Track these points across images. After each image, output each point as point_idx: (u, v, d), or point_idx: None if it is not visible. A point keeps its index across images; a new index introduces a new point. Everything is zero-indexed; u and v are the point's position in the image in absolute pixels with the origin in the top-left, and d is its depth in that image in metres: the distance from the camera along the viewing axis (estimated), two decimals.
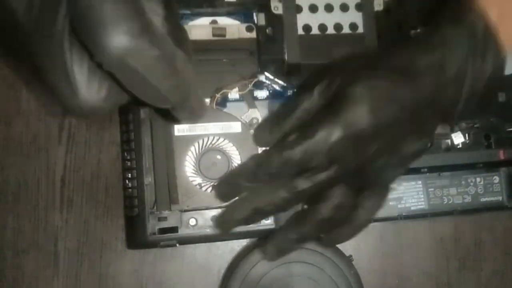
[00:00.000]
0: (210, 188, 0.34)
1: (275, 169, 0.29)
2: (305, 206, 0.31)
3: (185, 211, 0.34)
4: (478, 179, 0.40)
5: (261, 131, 0.32)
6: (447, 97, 0.29)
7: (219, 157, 0.34)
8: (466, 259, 0.43)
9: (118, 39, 0.19)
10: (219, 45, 0.36)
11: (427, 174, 0.39)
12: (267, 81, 0.37)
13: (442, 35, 0.30)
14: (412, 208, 0.39)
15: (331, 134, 0.28)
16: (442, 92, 0.29)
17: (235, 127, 0.35)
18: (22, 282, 0.38)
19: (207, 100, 0.35)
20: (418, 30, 0.39)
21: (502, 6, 0.29)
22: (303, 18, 0.37)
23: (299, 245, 0.32)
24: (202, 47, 0.36)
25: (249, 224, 0.31)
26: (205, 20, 0.36)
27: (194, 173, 0.34)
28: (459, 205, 0.39)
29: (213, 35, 0.36)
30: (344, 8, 0.37)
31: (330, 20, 0.37)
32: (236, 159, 0.35)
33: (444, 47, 0.29)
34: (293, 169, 0.29)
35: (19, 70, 0.39)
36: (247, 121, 0.36)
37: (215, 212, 0.34)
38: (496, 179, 0.40)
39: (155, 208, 0.34)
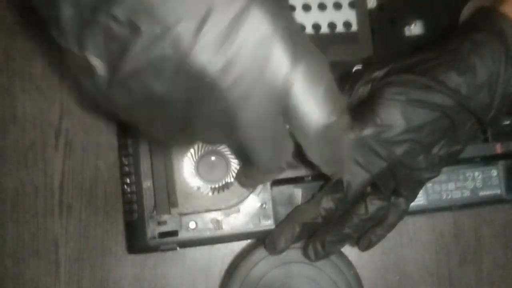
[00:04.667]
0: (209, 191, 0.34)
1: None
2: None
3: (185, 214, 0.34)
4: (476, 173, 0.40)
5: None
6: (479, 103, 0.30)
7: (217, 159, 0.34)
8: (467, 254, 0.43)
9: (329, 118, 0.21)
10: None
11: None
12: None
13: (473, 42, 0.31)
14: (411, 204, 0.39)
15: (363, 130, 0.30)
16: (474, 97, 0.30)
17: None
18: None
19: None
20: (412, 26, 0.39)
21: None
22: (297, 18, 0.37)
23: (336, 249, 0.34)
24: None
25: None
26: None
27: (192, 176, 0.34)
28: (458, 199, 0.39)
29: None
30: (337, 6, 0.37)
31: (323, 19, 0.37)
32: (235, 161, 0.35)
33: (476, 53, 0.30)
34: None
35: None
36: None
37: (214, 214, 0.34)
38: (494, 172, 0.40)
39: (154, 212, 0.34)
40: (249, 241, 0.39)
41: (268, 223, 0.35)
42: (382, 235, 0.34)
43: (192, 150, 0.34)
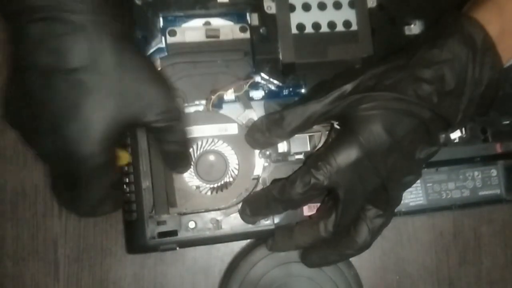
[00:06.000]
0: (208, 190, 0.34)
1: (298, 196, 0.31)
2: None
3: (184, 214, 0.34)
4: (476, 173, 0.40)
5: (255, 132, 0.33)
6: (448, 108, 0.30)
7: (216, 159, 0.34)
8: (466, 253, 0.43)
9: None
10: (213, 47, 0.36)
11: (425, 169, 0.39)
12: (263, 82, 0.37)
13: (442, 48, 0.30)
14: (411, 204, 0.39)
15: (351, 155, 0.30)
16: (444, 103, 0.30)
17: (232, 128, 0.35)
18: None
19: (203, 102, 0.35)
20: (412, 25, 0.39)
21: (502, 23, 0.31)
22: (297, 17, 0.37)
23: (334, 264, 0.36)
24: (196, 49, 0.35)
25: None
26: (198, 22, 0.36)
27: (191, 176, 0.34)
28: (457, 199, 0.39)
29: (207, 36, 0.36)
30: (337, 5, 0.37)
31: (323, 18, 0.37)
32: (233, 161, 0.35)
33: (444, 60, 0.30)
34: (316, 193, 0.31)
35: None
36: (244, 122, 0.35)
37: (214, 214, 0.34)
38: (494, 172, 0.40)
39: (153, 212, 0.34)
40: (248, 240, 0.39)
41: (267, 223, 0.35)
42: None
43: (190, 150, 0.34)
